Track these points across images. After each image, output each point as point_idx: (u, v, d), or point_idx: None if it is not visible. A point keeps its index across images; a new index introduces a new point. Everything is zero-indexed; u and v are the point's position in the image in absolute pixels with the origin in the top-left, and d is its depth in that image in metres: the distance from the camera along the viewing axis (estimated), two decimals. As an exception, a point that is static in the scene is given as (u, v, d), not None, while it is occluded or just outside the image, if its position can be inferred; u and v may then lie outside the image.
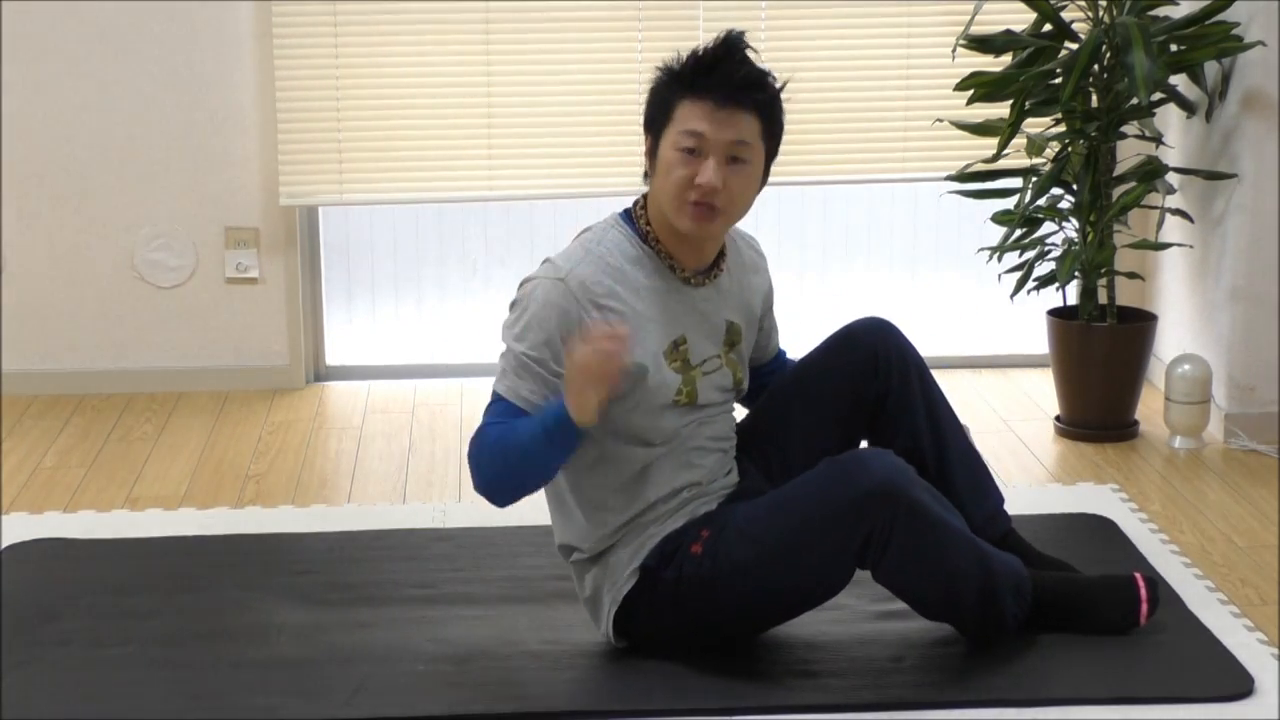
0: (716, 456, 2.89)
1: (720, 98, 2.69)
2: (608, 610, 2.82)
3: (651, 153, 2.79)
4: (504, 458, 2.66)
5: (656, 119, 2.77)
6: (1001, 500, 3.05)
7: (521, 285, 2.77)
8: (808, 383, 2.97)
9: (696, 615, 2.79)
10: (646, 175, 2.82)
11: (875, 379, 2.95)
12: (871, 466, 2.69)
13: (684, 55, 2.73)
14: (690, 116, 2.71)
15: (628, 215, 2.83)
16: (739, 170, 2.72)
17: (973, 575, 2.76)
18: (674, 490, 2.82)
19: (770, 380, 3.05)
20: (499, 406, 2.71)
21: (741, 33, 2.73)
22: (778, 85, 2.77)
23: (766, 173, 2.80)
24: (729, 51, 2.71)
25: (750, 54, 2.73)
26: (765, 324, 3.03)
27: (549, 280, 2.72)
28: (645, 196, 2.83)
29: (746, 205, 2.78)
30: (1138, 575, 2.94)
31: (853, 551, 2.69)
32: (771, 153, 2.79)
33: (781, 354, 3.12)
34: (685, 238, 2.78)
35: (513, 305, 2.77)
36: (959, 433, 3.03)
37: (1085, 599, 2.91)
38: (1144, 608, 2.90)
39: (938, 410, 3.01)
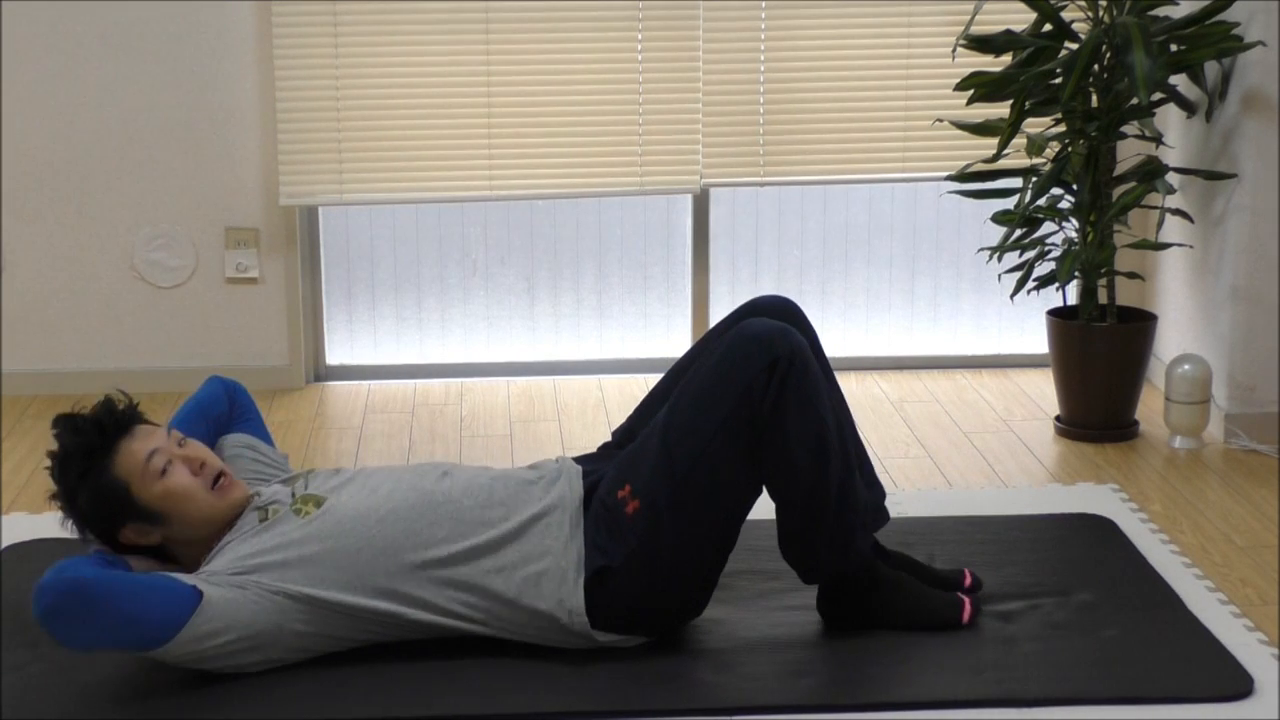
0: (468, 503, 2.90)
1: (137, 424, 2.89)
2: (576, 623, 2.82)
3: (146, 518, 2.83)
4: None
5: (114, 490, 2.81)
6: (884, 494, 3.08)
7: None
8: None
9: (672, 558, 2.80)
10: (121, 546, 2.86)
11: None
12: (759, 321, 2.81)
13: (71, 443, 2.84)
14: (142, 442, 2.83)
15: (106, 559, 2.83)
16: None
17: (835, 442, 2.81)
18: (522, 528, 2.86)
19: None
20: None
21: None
22: None
23: None
24: (105, 403, 2.88)
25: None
26: None
27: None
28: (162, 545, 2.88)
29: None
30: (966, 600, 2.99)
31: (759, 385, 2.73)
32: None
33: None
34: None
35: None
36: (851, 421, 3.05)
37: (918, 589, 2.97)
38: (966, 612, 2.96)
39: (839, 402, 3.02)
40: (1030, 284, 4.26)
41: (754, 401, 2.75)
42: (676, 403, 2.83)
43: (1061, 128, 4.20)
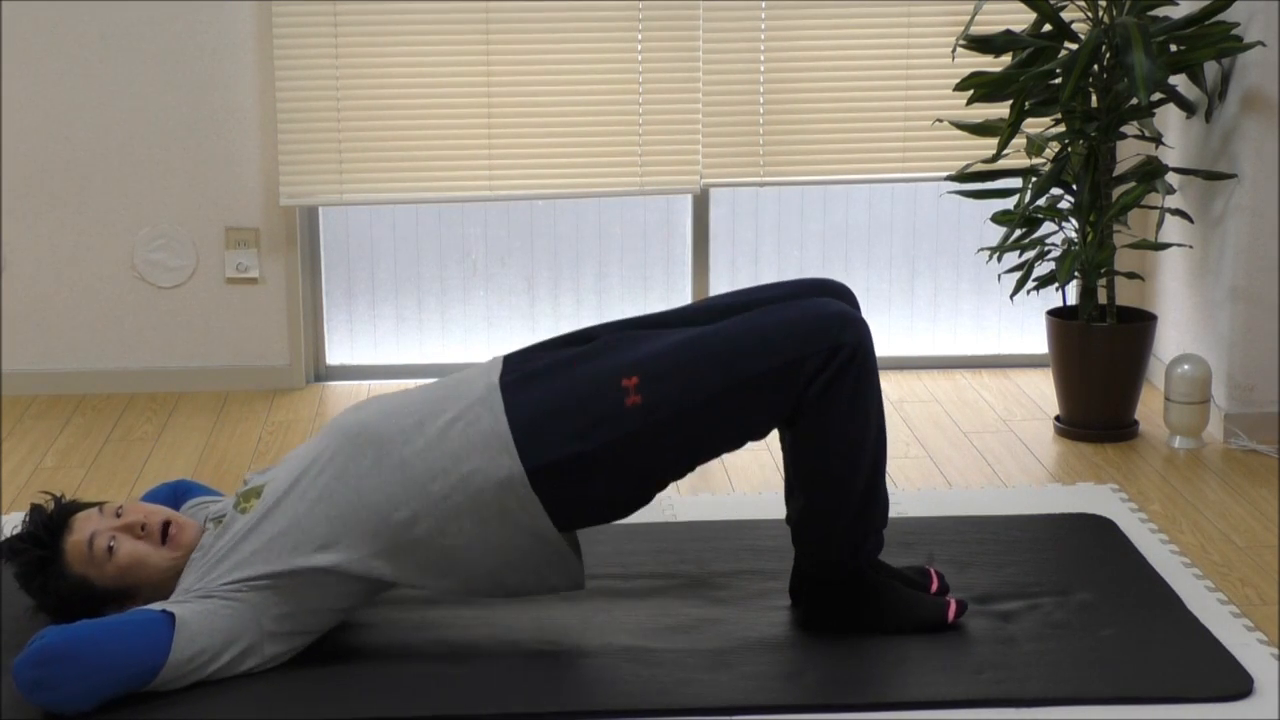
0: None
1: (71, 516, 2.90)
2: (522, 493, 2.76)
3: (116, 599, 2.85)
4: None
5: (76, 589, 2.85)
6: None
7: None
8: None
9: (639, 469, 2.79)
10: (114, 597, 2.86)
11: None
12: (839, 304, 2.80)
13: (19, 565, 2.88)
14: (80, 533, 2.85)
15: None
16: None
17: (872, 447, 2.82)
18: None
19: None
20: None
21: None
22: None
23: None
24: (34, 512, 2.90)
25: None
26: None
27: None
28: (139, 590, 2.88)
29: None
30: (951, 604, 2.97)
31: (812, 363, 2.72)
32: None
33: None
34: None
35: None
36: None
37: (903, 592, 2.96)
38: (951, 611, 2.95)
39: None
40: (1030, 284, 4.26)
41: (799, 376, 2.73)
42: (728, 331, 2.78)
43: (1061, 128, 4.20)
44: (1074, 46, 4.10)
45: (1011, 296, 4.34)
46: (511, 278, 4.92)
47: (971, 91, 4.16)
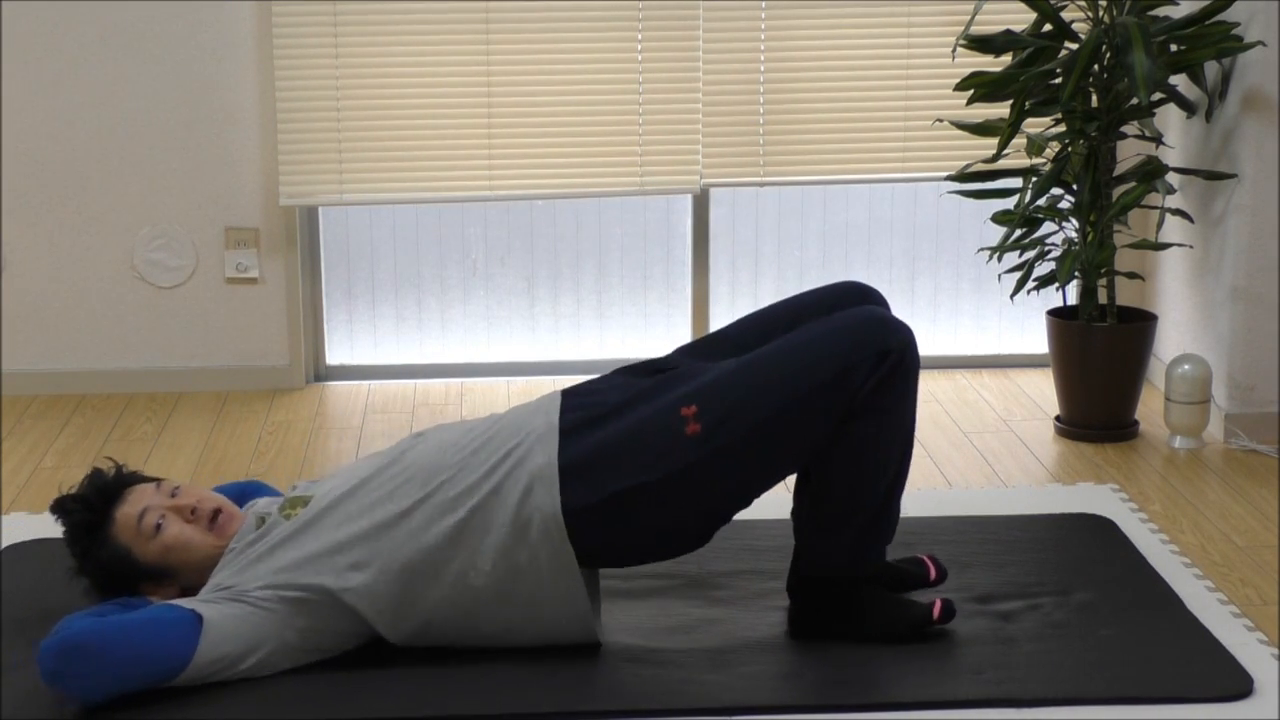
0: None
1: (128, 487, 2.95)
2: (553, 529, 2.76)
3: (154, 578, 2.87)
4: None
5: (117, 560, 2.86)
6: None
7: None
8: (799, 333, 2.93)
9: (700, 500, 2.79)
10: (157, 574, 2.88)
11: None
12: (882, 310, 2.84)
13: (67, 525, 2.90)
14: (133, 505, 2.87)
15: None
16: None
17: (898, 454, 2.85)
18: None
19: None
20: None
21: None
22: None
23: None
24: (92, 475, 2.94)
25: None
26: None
27: None
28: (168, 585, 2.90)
29: None
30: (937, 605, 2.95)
31: (864, 369, 2.74)
32: None
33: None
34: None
35: None
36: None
37: (898, 600, 2.95)
38: (936, 610, 2.93)
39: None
40: (1030, 284, 4.26)
41: (852, 383, 2.74)
42: (779, 350, 2.80)
43: (1061, 128, 4.20)
44: (1074, 46, 4.10)
45: (1011, 296, 4.34)
46: (511, 278, 4.92)
47: (971, 91, 4.16)
